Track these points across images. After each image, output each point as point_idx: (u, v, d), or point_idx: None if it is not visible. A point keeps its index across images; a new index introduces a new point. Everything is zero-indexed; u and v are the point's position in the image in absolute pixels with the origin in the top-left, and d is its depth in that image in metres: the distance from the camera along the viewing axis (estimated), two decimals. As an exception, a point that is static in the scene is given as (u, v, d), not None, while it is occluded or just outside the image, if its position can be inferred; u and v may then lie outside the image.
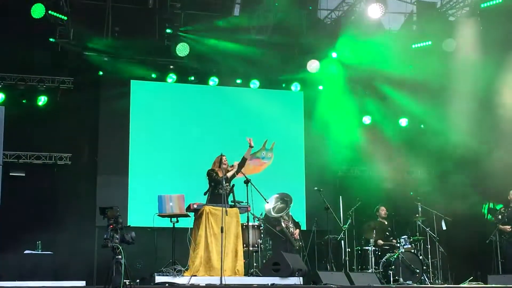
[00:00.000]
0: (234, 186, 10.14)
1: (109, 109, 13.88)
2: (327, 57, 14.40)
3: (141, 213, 12.68)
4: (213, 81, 14.50)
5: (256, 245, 10.74)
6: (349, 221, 12.34)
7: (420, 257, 12.08)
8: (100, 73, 13.77)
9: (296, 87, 15.07)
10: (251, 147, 10.26)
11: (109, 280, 8.74)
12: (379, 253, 12.19)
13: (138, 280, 9.86)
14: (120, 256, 8.65)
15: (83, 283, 9.64)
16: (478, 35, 13.38)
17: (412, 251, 12.05)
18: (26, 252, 11.31)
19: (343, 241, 12.19)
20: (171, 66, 14.17)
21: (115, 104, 13.86)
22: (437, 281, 12.57)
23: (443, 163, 14.66)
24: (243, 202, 10.11)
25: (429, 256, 12.55)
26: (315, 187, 12.53)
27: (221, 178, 9.87)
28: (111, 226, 8.83)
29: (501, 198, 12.88)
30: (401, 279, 11.46)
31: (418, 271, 11.65)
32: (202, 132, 14.28)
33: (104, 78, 13.84)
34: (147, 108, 14.20)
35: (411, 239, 12.33)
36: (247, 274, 9.94)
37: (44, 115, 13.30)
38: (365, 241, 12.49)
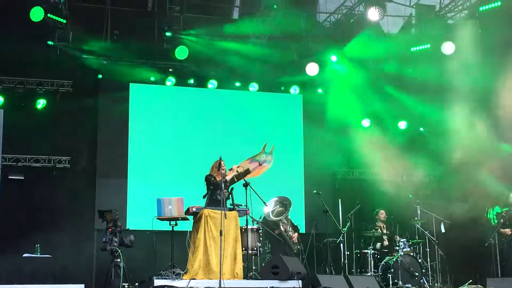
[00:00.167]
0: (233, 189, 10.14)
1: (108, 112, 13.87)
2: (326, 60, 14.40)
3: (140, 216, 12.68)
4: (212, 84, 14.50)
5: (255, 248, 10.74)
6: (348, 224, 12.34)
7: (419, 260, 12.08)
8: (99, 76, 13.77)
9: (295, 90, 15.06)
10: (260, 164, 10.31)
11: (108, 283, 8.76)
12: (378, 256, 12.19)
13: (137, 284, 9.88)
14: (119, 259, 8.67)
15: (82, 286, 9.62)
16: (477, 38, 13.37)
17: (411, 254, 12.04)
18: (25, 255, 11.29)
19: (342, 244, 12.18)
20: (170, 69, 14.17)
21: (114, 107, 13.86)
22: (436, 284, 12.56)
23: (442, 166, 14.64)
24: (242, 205, 10.10)
25: (428, 259, 12.55)
26: (314, 190, 12.55)
27: (220, 181, 9.85)
28: (110, 229, 8.87)
29: (502, 201, 12.85)
30: (400, 282, 11.46)
31: (417, 274, 11.64)
32: (201, 135, 14.27)
33: (103, 81, 13.84)
34: (146, 111, 14.20)
35: (410, 242, 12.32)
36: (246, 277, 9.93)
37: (43, 118, 13.30)
38: (364, 244, 12.49)
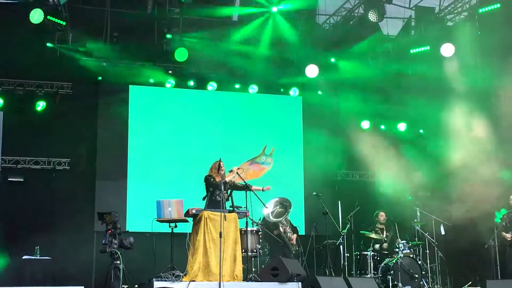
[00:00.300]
0: (233, 191, 10.15)
1: (108, 114, 13.88)
2: (326, 62, 14.40)
3: (140, 218, 12.69)
4: (212, 86, 14.51)
5: (255, 250, 10.72)
6: (348, 226, 12.33)
7: (419, 262, 12.07)
8: (99, 78, 13.78)
9: (294, 92, 15.07)
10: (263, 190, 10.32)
11: (108, 285, 8.75)
12: (378, 258, 12.19)
13: (136, 286, 9.89)
14: (118, 261, 8.66)
15: (81, 288, 9.63)
16: (476, 40, 13.37)
17: (411, 256, 12.04)
18: (24, 257, 11.29)
19: (342, 246, 12.18)
20: (170, 71, 14.17)
21: (114, 109, 13.86)
22: (436, 286, 12.56)
23: (442, 167, 14.63)
24: (241, 207, 10.10)
25: (428, 261, 12.53)
26: (313, 192, 12.55)
27: (219, 182, 9.85)
28: (110, 231, 8.85)
29: (502, 204, 12.85)
30: (400, 284, 11.46)
31: (417, 276, 11.64)
32: (201, 137, 14.27)
33: (103, 83, 13.84)
34: (146, 113, 14.20)
35: (410, 244, 12.31)
36: (245, 279, 9.93)
37: (43, 120, 13.30)
38: (363, 246, 12.48)
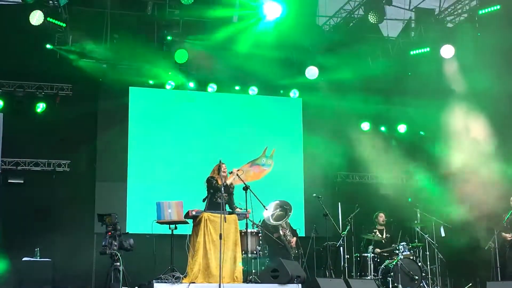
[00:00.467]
0: (233, 194, 10.15)
1: (108, 115, 13.88)
2: (326, 64, 14.40)
3: (140, 220, 12.68)
4: (212, 87, 14.51)
5: (255, 251, 10.71)
6: (348, 227, 12.32)
7: (419, 264, 12.05)
8: (99, 79, 13.77)
9: (294, 93, 15.07)
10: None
11: (108, 286, 8.74)
12: (378, 260, 12.17)
13: (136, 287, 9.87)
14: (118, 263, 8.66)
15: (81, 290, 9.64)
16: (476, 42, 13.38)
17: (411, 257, 12.02)
18: (24, 259, 11.30)
19: (342, 248, 12.16)
20: (170, 73, 14.17)
21: (114, 110, 13.86)
22: (436, 288, 12.57)
23: (442, 169, 14.63)
24: (241, 204, 10.09)
25: (428, 263, 12.50)
26: (314, 194, 12.54)
27: (220, 185, 9.85)
28: (110, 233, 8.84)
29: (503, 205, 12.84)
30: (400, 286, 11.44)
31: (417, 277, 11.62)
32: (201, 138, 14.27)
33: (103, 85, 13.84)
34: (146, 115, 14.20)
35: (410, 246, 12.30)
36: (245, 281, 9.90)
37: (43, 122, 13.30)
38: (364, 248, 12.47)
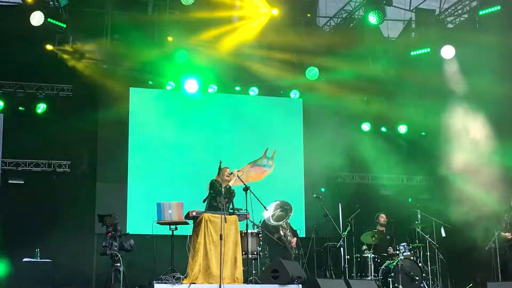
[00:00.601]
0: (234, 196, 10.17)
1: (108, 116, 13.86)
2: (327, 64, 14.40)
3: (140, 220, 12.68)
4: (212, 88, 14.50)
5: (255, 252, 10.70)
6: (348, 228, 12.31)
7: (420, 264, 12.05)
8: (99, 80, 13.77)
9: (295, 94, 15.06)
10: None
11: (108, 287, 8.73)
12: (379, 260, 12.16)
13: (137, 288, 9.87)
14: (119, 264, 8.66)
15: (81, 291, 9.64)
16: (476, 42, 13.37)
17: (412, 258, 12.02)
18: (25, 259, 11.30)
19: (342, 248, 12.15)
20: (170, 73, 14.16)
21: (114, 111, 13.84)
22: (436, 288, 12.57)
23: (443, 169, 14.62)
24: (242, 210, 10.09)
25: (429, 263, 12.51)
26: (314, 194, 12.53)
27: (223, 189, 9.89)
28: (110, 233, 8.84)
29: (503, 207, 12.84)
30: (400, 287, 11.44)
31: (417, 278, 11.62)
32: (201, 139, 14.25)
33: (103, 86, 13.83)
34: (146, 115, 14.18)
35: (411, 246, 12.30)
36: (246, 281, 9.89)
37: (43, 123, 13.31)
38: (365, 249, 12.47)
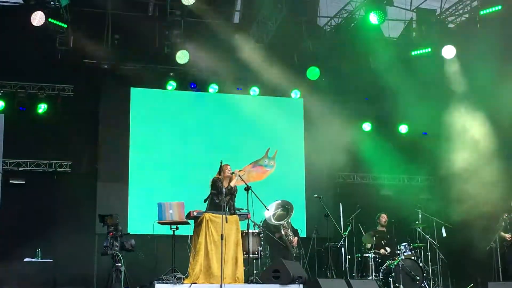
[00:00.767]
0: (236, 196, 10.16)
1: (109, 116, 13.89)
2: (327, 64, 14.40)
3: (141, 220, 12.68)
4: (213, 88, 14.51)
5: (256, 252, 10.70)
6: (349, 228, 12.30)
7: (421, 264, 12.05)
8: (100, 80, 13.77)
9: (296, 94, 15.07)
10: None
11: (109, 287, 8.74)
12: (380, 260, 12.16)
13: (138, 288, 9.87)
14: (119, 264, 8.66)
15: (82, 291, 9.64)
16: (477, 42, 13.37)
17: (413, 258, 12.02)
18: (26, 259, 11.31)
19: (343, 248, 12.15)
20: (171, 73, 14.18)
21: (115, 111, 13.88)
22: (437, 288, 12.57)
23: (443, 169, 14.63)
24: (243, 209, 10.09)
25: (430, 263, 12.52)
26: (315, 194, 12.52)
27: (225, 188, 9.89)
28: (111, 233, 8.85)
29: (503, 206, 12.83)
30: (401, 286, 11.44)
31: (418, 278, 11.62)
32: (202, 139, 14.27)
33: (104, 86, 13.86)
34: (147, 115, 14.21)
35: (411, 246, 12.30)
36: (247, 281, 9.90)
37: (44, 123, 13.32)
38: (366, 250, 12.48)
